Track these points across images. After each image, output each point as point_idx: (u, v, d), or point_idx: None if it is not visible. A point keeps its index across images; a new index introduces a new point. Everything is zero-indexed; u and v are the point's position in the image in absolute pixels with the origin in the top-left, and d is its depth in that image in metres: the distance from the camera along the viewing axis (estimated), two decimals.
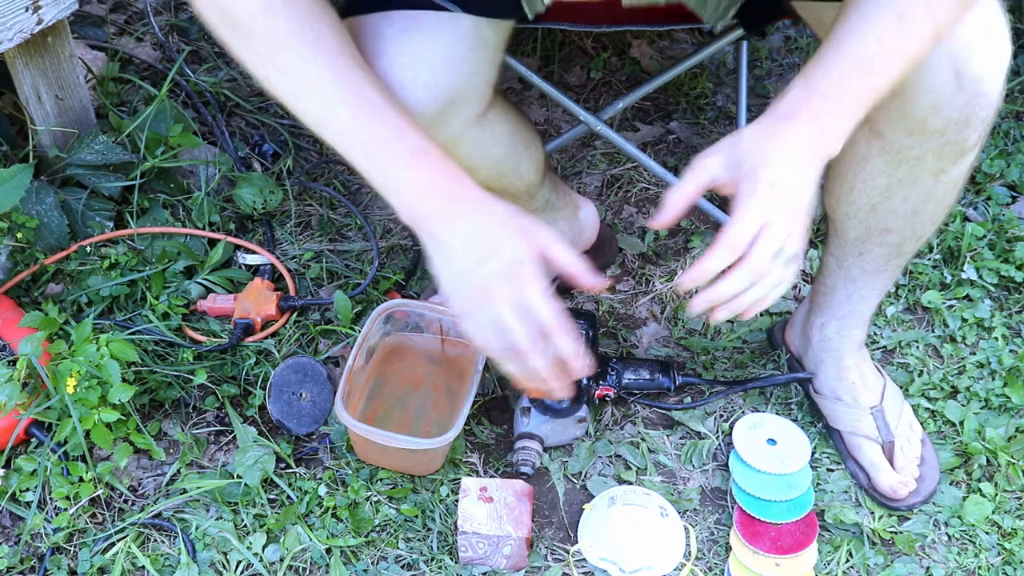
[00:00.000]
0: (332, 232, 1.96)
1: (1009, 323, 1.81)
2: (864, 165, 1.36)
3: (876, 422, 1.58)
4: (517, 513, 1.50)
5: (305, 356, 1.72)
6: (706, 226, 1.95)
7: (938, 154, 1.30)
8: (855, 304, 1.56)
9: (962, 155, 1.31)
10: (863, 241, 1.46)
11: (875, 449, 1.58)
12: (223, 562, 1.53)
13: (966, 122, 1.25)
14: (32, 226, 1.77)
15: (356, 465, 1.63)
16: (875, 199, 1.39)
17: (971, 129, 1.27)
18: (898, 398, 1.63)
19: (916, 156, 1.31)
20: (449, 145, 1.28)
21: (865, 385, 1.61)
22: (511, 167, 1.47)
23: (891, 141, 1.31)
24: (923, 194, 1.37)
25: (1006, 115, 2.14)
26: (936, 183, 1.35)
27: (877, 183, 1.37)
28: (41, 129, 1.86)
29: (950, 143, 1.28)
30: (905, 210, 1.39)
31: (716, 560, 1.55)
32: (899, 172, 1.34)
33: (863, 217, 1.43)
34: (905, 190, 1.36)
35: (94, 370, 1.57)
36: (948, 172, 1.34)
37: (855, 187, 1.39)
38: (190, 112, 2.11)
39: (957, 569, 1.54)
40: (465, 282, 1.14)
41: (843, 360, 1.61)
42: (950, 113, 1.24)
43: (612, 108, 1.86)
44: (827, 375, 1.63)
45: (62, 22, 1.78)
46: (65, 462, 1.60)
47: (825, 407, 1.63)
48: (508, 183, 1.48)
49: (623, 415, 1.71)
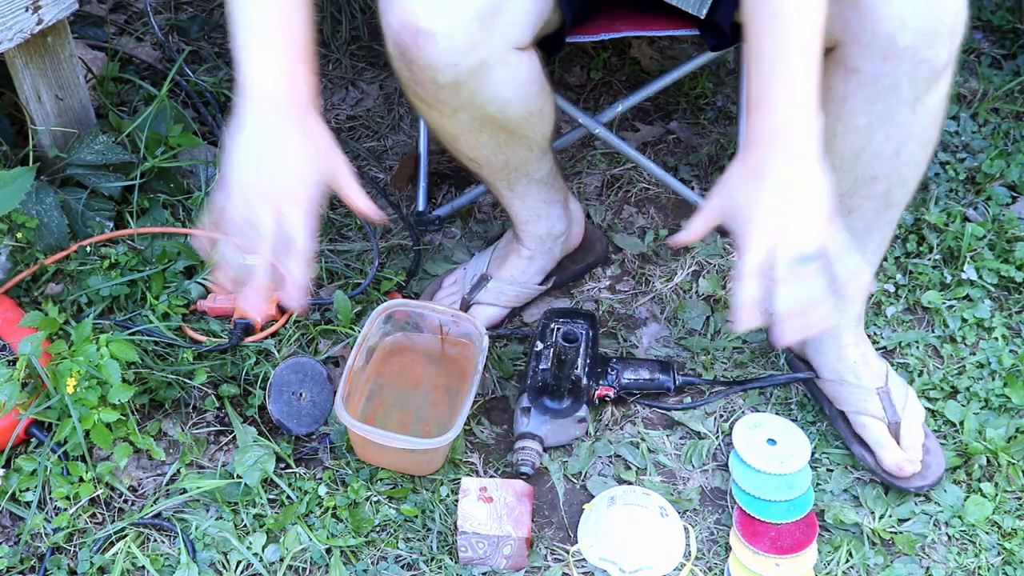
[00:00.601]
0: (332, 232, 1.96)
1: (1009, 323, 1.82)
2: (844, 107, 1.38)
3: (882, 402, 1.59)
4: (517, 513, 1.50)
5: (305, 356, 1.72)
6: None
7: (911, 78, 1.33)
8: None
9: (934, 78, 1.34)
10: (850, 196, 1.46)
11: (881, 428, 1.58)
12: (223, 562, 1.53)
13: (934, 33, 1.29)
14: (32, 226, 1.77)
15: (356, 465, 1.63)
16: (857, 143, 1.41)
17: (940, 44, 1.30)
18: (902, 384, 1.63)
19: (891, 84, 1.33)
20: (489, 65, 1.35)
21: (867, 365, 1.62)
22: (538, 108, 1.49)
23: (866, 72, 1.33)
24: (902, 129, 1.39)
25: (1006, 115, 2.14)
26: (914, 115, 1.37)
27: (858, 123, 1.39)
28: (41, 129, 1.86)
29: (922, 62, 1.31)
30: (887, 151, 1.41)
31: (716, 560, 1.55)
32: (877, 107, 1.36)
33: (848, 167, 1.44)
34: (885, 127, 1.39)
35: (94, 370, 1.57)
36: (923, 101, 1.36)
37: (837, 133, 1.41)
38: (190, 112, 2.11)
39: (957, 569, 1.54)
40: (249, 178, 1.23)
41: (842, 338, 1.61)
42: (915, 21, 1.28)
43: (611, 111, 1.86)
44: (828, 358, 1.63)
45: (62, 22, 1.78)
46: (65, 462, 1.60)
47: (829, 389, 1.63)
48: (532, 126, 1.50)
49: (623, 415, 1.71)
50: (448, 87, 1.35)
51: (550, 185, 1.68)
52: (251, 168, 1.23)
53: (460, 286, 1.80)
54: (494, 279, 1.77)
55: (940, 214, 1.94)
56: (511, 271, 1.78)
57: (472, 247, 1.93)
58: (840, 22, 1.31)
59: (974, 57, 2.26)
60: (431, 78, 1.34)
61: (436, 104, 1.39)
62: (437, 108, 1.41)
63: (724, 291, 1.86)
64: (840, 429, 1.64)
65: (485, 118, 1.44)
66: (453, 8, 1.30)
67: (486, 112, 1.42)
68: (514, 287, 1.78)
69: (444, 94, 1.37)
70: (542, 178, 1.65)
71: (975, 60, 2.25)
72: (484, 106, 1.41)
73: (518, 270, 1.78)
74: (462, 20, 1.30)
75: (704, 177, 2.04)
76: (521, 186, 1.65)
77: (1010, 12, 2.31)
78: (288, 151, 1.24)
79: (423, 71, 1.33)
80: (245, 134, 1.23)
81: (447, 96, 1.37)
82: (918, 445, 1.59)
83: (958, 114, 2.13)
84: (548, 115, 1.54)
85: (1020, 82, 2.17)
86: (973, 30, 2.30)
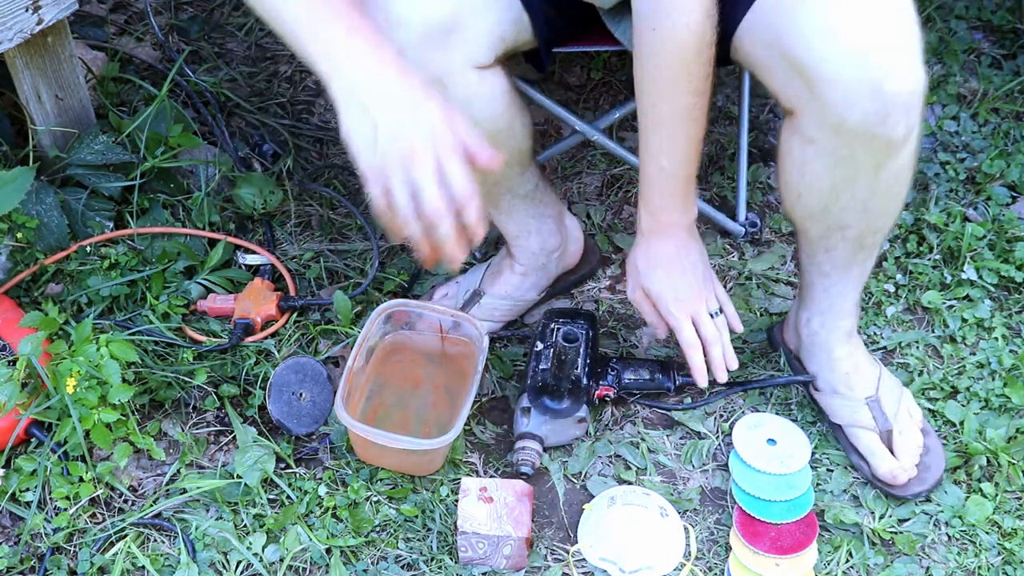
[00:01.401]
0: (332, 232, 1.96)
1: (1009, 323, 1.81)
2: (804, 171, 1.39)
3: (872, 411, 1.59)
4: (517, 513, 1.50)
5: (305, 356, 1.72)
6: (706, 226, 1.95)
7: (869, 150, 1.32)
8: (833, 298, 1.57)
9: (893, 148, 1.32)
10: (826, 238, 1.48)
11: (873, 438, 1.58)
12: (223, 562, 1.53)
13: (884, 113, 1.26)
14: (32, 226, 1.77)
15: (356, 465, 1.63)
16: (824, 200, 1.42)
17: (894, 120, 1.27)
18: (895, 386, 1.63)
19: (848, 155, 1.33)
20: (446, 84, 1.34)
21: (859, 375, 1.61)
22: (507, 125, 1.49)
23: (821, 144, 1.33)
24: (867, 190, 1.39)
25: (1006, 115, 2.14)
26: (877, 179, 1.37)
27: (821, 186, 1.40)
28: (41, 129, 1.86)
29: (876, 137, 1.29)
30: (855, 206, 1.41)
31: (716, 560, 1.55)
32: (838, 172, 1.36)
33: (819, 217, 1.45)
34: (850, 188, 1.38)
35: (94, 370, 1.57)
36: (885, 167, 1.35)
37: (802, 193, 1.43)
38: (190, 112, 2.11)
39: (957, 569, 1.54)
40: (386, 146, 1.15)
41: (833, 352, 1.61)
42: (863, 104, 1.25)
43: (609, 118, 1.86)
44: (821, 369, 1.64)
45: (62, 22, 1.78)
46: (65, 462, 1.60)
47: (824, 402, 1.64)
48: (502, 143, 1.48)
49: (623, 415, 1.71)
50: None
51: (538, 200, 1.67)
52: (395, 138, 1.15)
53: (452, 301, 1.79)
54: (487, 295, 1.77)
55: (940, 214, 1.94)
56: (505, 287, 1.77)
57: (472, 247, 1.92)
58: (792, 91, 1.31)
59: (974, 57, 2.26)
60: None
61: None
62: None
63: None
64: (840, 441, 1.64)
65: None
66: (405, 24, 1.30)
67: None
68: (507, 301, 1.77)
69: None
70: (527, 194, 1.64)
71: (975, 60, 2.25)
72: None
73: (512, 286, 1.77)
74: (413, 36, 1.30)
75: (704, 177, 2.04)
76: (505, 202, 1.64)
77: (1010, 12, 2.31)
78: (422, 109, 1.16)
79: None
80: (369, 116, 1.15)
81: None
82: (913, 450, 1.59)
83: (958, 114, 2.13)
84: (520, 131, 1.52)
85: (1020, 82, 2.17)
86: (973, 30, 2.30)
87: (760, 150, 2.09)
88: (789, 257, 1.91)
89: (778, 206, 2.00)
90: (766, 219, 1.97)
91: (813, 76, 1.26)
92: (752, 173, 2.03)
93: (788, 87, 1.31)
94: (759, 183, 2.03)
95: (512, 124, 1.50)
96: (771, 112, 2.16)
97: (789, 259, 1.91)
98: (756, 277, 1.88)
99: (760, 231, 1.95)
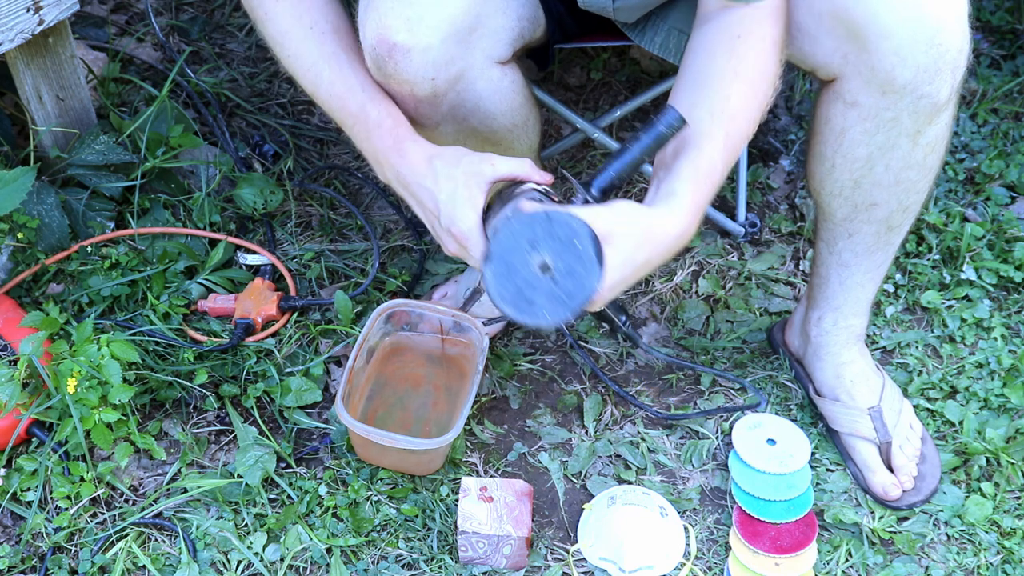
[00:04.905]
0: (333, 232, 1.96)
1: (1008, 323, 1.82)
2: (842, 139, 1.38)
3: (874, 422, 1.59)
4: (517, 513, 1.51)
5: (548, 203, 1.24)
6: (706, 226, 1.95)
7: (913, 112, 1.32)
8: (850, 291, 1.56)
9: (936, 112, 1.33)
10: (851, 220, 1.47)
11: (870, 450, 1.58)
12: (223, 562, 1.54)
13: (935, 70, 1.27)
14: (33, 226, 1.78)
15: (356, 465, 1.63)
16: (857, 173, 1.41)
17: (941, 79, 1.29)
18: (897, 397, 1.63)
19: (892, 118, 1.33)
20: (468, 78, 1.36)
21: (864, 383, 1.61)
22: (523, 120, 1.49)
23: (866, 107, 1.33)
24: (903, 160, 1.38)
25: (1005, 115, 2.14)
26: (915, 146, 1.37)
27: (857, 155, 1.39)
28: (42, 129, 1.86)
29: (923, 97, 1.30)
30: (888, 180, 1.41)
31: (716, 560, 1.55)
32: (877, 139, 1.36)
33: (848, 194, 1.44)
34: (886, 158, 1.38)
35: (95, 370, 1.58)
36: (925, 133, 1.35)
37: (836, 164, 1.41)
38: (191, 113, 2.11)
39: (956, 569, 1.54)
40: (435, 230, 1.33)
41: (841, 355, 1.61)
42: (915, 58, 1.26)
43: (610, 116, 1.87)
44: (825, 374, 1.63)
45: (63, 23, 1.78)
46: (66, 462, 1.60)
47: (824, 408, 1.64)
48: (517, 138, 1.50)
49: (623, 415, 1.71)
50: (427, 100, 1.35)
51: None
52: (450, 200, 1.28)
53: (452, 300, 1.79)
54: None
55: (939, 214, 1.94)
56: None
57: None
58: (839, 56, 1.30)
59: (973, 57, 2.26)
60: (409, 92, 1.34)
61: (418, 116, 1.39)
62: (419, 120, 1.40)
63: (723, 291, 1.86)
64: (837, 446, 1.64)
65: (468, 131, 1.43)
66: (430, 23, 1.29)
67: (469, 125, 1.42)
68: None
69: (424, 107, 1.37)
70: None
71: (974, 61, 2.25)
72: (466, 119, 1.41)
73: None
74: (438, 36, 1.30)
75: None
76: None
77: (1009, 12, 2.32)
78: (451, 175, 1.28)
79: (400, 84, 1.33)
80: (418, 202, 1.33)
81: (427, 109, 1.37)
82: (911, 464, 1.59)
83: (957, 115, 2.14)
84: (533, 127, 1.53)
85: (1019, 82, 2.18)
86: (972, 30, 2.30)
87: (760, 150, 2.09)
88: (789, 257, 1.92)
89: (778, 206, 2.00)
90: (766, 219, 1.98)
91: (866, 32, 1.26)
92: (752, 173, 2.03)
93: (835, 51, 1.30)
94: (759, 183, 2.04)
95: (528, 119, 1.51)
96: (770, 112, 2.16)
97: (789, 259, 1.91)
98: (756, 277, 1.89)
99: (760, 231, 1.95)
